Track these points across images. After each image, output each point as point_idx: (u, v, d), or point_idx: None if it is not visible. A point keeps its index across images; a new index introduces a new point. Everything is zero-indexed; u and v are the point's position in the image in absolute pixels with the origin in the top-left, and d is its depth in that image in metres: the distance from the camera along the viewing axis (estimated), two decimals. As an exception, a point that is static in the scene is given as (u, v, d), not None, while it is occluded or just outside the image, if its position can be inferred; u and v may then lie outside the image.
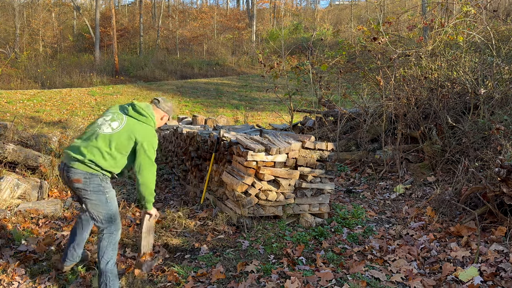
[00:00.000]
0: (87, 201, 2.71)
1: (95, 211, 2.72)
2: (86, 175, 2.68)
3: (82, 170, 2.67)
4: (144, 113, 2.81)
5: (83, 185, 2.68)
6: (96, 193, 2.70)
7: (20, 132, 6.18)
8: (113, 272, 2.75)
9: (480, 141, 4.87)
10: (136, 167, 2.78)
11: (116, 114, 2.81)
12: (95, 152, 2.67)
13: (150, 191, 2.85)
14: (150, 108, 2.87)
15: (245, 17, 33.65)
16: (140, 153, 2.75)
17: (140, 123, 2.80)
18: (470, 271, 2.85)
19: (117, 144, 2.70)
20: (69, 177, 2.69)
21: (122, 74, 22.22)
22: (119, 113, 2.82)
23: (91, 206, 2.72)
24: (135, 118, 2.80)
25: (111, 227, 2.76)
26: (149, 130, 2.83)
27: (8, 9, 26.54)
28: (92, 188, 2.69)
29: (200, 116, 11.43)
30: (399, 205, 4.74)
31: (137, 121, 2.80)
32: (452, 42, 6.13)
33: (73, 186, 2.71)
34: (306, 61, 7.73)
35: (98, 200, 2.71)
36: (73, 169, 2.67)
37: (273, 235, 3.59)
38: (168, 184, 6.17)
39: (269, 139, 4.06)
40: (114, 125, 2.75)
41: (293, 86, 8.20)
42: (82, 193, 2.70)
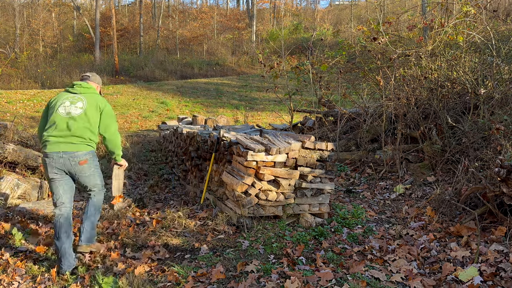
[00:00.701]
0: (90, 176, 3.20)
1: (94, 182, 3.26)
2: (89, 155, 3.17)
3: (85, 151, 3.14)
4: (90, 87, 3.35)
5: (88, 164, 3.16)
6: (95, 167, 3.25)
7: (20, 132, 6.19)
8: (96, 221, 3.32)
9: (480, 141, 4.87)
10: (102, 127, 3.27)
11: (72, 98, 3.25)
12: (84, 132, 3.15)
13: (117, 145, 3.41)
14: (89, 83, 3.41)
15: (245, 17, 33.65)
16: (105, 115, 3.27)
17: (92, 94, 3.31)
18: (470, 271, 2.85)
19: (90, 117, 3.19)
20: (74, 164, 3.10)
21: (122, 74, 22.22)
22: (73, 96, 3.27)
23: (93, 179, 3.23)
24: (87, 93, 3.30)
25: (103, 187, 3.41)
26: (101, 97, 3.38)
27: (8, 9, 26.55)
28: (94, 164, 3.23)
29: (200, 116, 11.43)
30: (399, 205, 4.74)
31: (90, 94, 3.30)
32: (452, 42, 6.13)
33: (77, 169, 3.13)
34: (306, 61, 7.73)
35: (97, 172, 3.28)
36: (77, 153, 3.10)
37: (273, 235, 3.60)
38: (168, 184, 6.18)
39: (269, 139, 4.07)
40: (79, 105, 3.21)
41: (293, 86, 8.20)
42: (85, 171, 3.16)
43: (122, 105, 15.13)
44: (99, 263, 3.21)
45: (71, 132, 3.11)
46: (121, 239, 3.61)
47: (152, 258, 3.28)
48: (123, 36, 29.48)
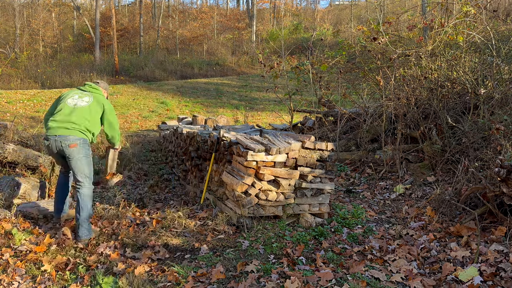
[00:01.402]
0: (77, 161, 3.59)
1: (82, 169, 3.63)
2: (79, 140, 3.58)
3: (77, 136, 3.58)
4: (99, 89, 3.96)
5: (77, 148, 3.56)
6: (85, 155, 3.63)
7: (20, 132, 6.19)
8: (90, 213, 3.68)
9: (480, 141, 4.87)
10: (106, 123, 3.85)
11: (81, 93, 3.83)
12: (82, 121, 3.64)
13: (118, 137, 4.02)
14: (98, 86, 4.00)
15: (245, 17, 33.65)
16: (107, 113, 3.83)
17: (99, 95, 3.89)
18: (470, 271, 2.85)
19: (92, 111, 3.73)
20: (65, 146, 3.53)
21: (122, 74, 22.22)
22: (82, 92, 3.85)
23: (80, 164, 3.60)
24: (95, 92, 3.89)
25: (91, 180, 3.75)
26: (105, 98, 3.95)
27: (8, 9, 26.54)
28: (84, 152, 3.62)
29: (200, 116, 11.43)
30: (399, 205, 4.74)
31: (97, 94, 3.89)
32: (452, 42, 6.13)
33: (67, 151, 3.55)
34: (306, 61, 7.73)
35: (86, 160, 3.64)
36: (69, 137, 3.55)
37: (273, 235, 3.60)
38: (168, 184, 6.18)
39: (269, 139, 4.07)
40: (86, 99, 3.77)
41: (293, 86, 8.20)
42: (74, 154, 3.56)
43: (122, 105, 15.13)
44: (99, 263, 3.21)
45: (71, 119, 3.60)
46: (121, 239, 3.61)
47: (152, 258, 3.28)
48: (123, 36, 29.48)
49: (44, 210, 4.23)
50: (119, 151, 7.48)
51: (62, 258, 3.22)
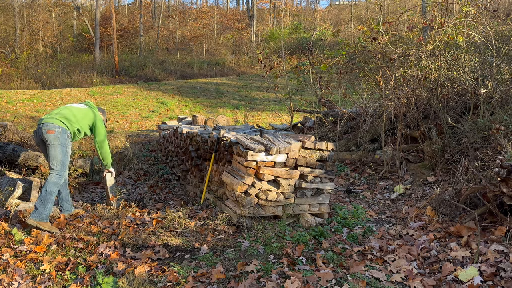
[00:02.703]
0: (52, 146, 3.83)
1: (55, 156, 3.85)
2: (58, 129, 3.85)
3: (57, 124, 3.87)
4: (95, 107, 4.33)
5: (54, 135, 3.82)
6: (61, 144, 3.85)
7: (20, 132, 6.18)
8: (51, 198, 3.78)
9: (480, 141, 4.87)
10: (97, 134, 4.20)
11: (79, 104, 4.28)
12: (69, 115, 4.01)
13: (107, 155, 4.32)
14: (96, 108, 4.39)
15: (245, 17, 33.65)
16: (97, 130, 4.20)
17: (93, 111, 4.25)
18: (470, 271, 2.85)
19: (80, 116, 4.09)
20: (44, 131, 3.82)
21: (122, 74, 22.22)
22: (82, 104, 4.30)
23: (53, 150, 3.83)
24: (92, 107, 4.29)
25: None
26: (99, 115, 4.26)
27: (8, 9, 26.54)
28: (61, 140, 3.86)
29: (200, 116, 11.44)
30: (399, 205, 4.74)
31: (92, 110, 4.25)
32: (452, 42, 6.13)
33: (44, 136, 3.83)
34: (306, 61, 7.73)
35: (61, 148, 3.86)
36: (50, 124, 3.85)
37: (273, 235, 3.60)
38: (168, 184, 6.18)
39: (269, 139, 4.07)
40: (80, 106, 4.22)
41: (293, 86, 8.20)
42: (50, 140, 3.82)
43: (122, 105, 15.13)
44: (99, 263, 3.21)
45: (58, 112, 4.01)
46: (121, 239, 3.61)
47: (152, 258, 3.28)
48: (123, 36, 29.48)
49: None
50: (119, 152, 7.50)
51: (62, 258, 3.22)
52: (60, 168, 3.87)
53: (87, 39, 27.89)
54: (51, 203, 3.78)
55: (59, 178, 3.86)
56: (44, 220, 3.72)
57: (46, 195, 3.76)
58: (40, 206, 3.72)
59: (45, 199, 3.75)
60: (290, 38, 27.29)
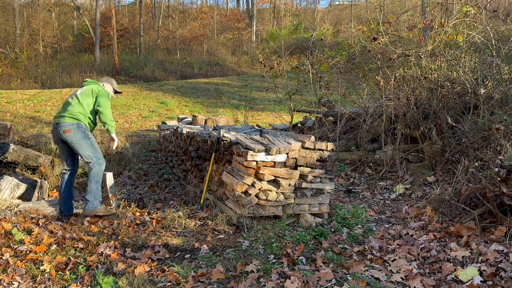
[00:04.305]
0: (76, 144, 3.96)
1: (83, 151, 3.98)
2: (72, 126, 3.95)
3: (69, 122, 3.95)
4: (93, 81, 4.31)
5: (72, 133, 3.93)
6: (82, 138, 3.97)
7: (20, 132, 6.18)
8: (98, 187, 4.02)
9: (480, 141, 4.87)
10: (97, 105, 4.09)
11: (76, 90, 4.24)
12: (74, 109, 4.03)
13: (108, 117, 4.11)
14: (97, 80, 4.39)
15: (245, 17, 33.66)
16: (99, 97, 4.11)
17: (93, 86, 4.20)
18: (470, 271, 2.85)
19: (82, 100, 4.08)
20: (61, 132, 3.95)
21: (122, 74, 22.22)
22: (81, 87, 4.25)
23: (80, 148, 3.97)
24: (90, 84, 4.25)
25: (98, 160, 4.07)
26: (98, 86, 4.21)
27: (8, 9, 26.54)
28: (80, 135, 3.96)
29: (200, 116, 11.44)
30: (399, 205, 4.74)
31: (91, 85, 4.21)
32: (452, 42, 6.13)
33: (64, 137, 3.96)
34: (306, 61, 7.73)
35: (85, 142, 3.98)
36: (63, 124, 3.94)
37: (273, 235, 3.60)
38: (168, 184, 6.18)
39: (269, 139, 4.07)
40: (78, 92, 4.18)
41: (293, 86, 8.20)
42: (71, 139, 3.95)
43: (122, 105, 15.13)
44: (99, 263, 3.21)
45: (65, 109, 4.05)
46: (121, 239, 3.61)
47: (152, 258, 3.28)
48: (123, 36, 29.48)
49: (44, 210, 4.23)
50: (119, 152, 7.50)
51: (62, 258, 3.22)
52: (96, 158, 4.02)
53: (87, 39, 27.89)
54: (99, 191, 4.06)
55: (99, 166, 4.04)
56: (98, 207, 4.03)
57: (92, 186, 3.99)
58: (90, 198, 3.99)
59: (92, 190, 3.99)
60: (290, 38, 27.29)
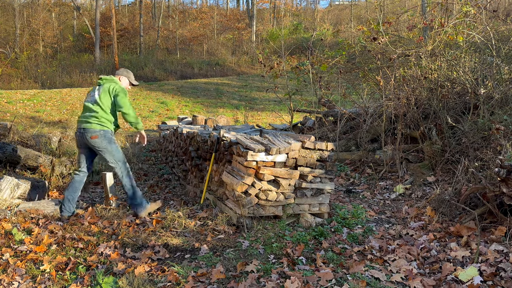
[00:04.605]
0: (104, 150, 4.07)
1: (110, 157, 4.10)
2: (99, 132, 4.02)
3: (96, 129, 4.02)
4: (109, 78, 4.24)
5: (99, 139, 4.01)
6: (108, 144, 4.06)
7: (20, 132, 6.18)
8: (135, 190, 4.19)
9: (480, 141, 4.87)
10: (118, 106, 4.09)
11: (92, 90, 4.22)
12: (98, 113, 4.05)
13: (134, 116, 4.16)
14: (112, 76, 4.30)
15: (245, 17, 33.66)
16: (117, 97, 4.08)
17: (108, 83, 4.16)
18: (470, 271, 2.85)
19: (103, 102, 4.07)
20: (87, 138, 4.02)
21: (122, 74, 22.17)
22: (96, 87, 4.22)
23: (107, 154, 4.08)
24: (107, 82, 4.18)
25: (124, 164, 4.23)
26: (115, 84, 4.17)
27: (8, 9, 26.54)
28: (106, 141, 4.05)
29: (200, 116, 11.44)
30: (399, 205, 4.74)
31: (108, 84, 4.15)
32: (452, 42, 6.13)
33: (90, 142, 4.03)
34: (306, 61, 7.73)
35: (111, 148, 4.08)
36: (90, 130, 4.01)
37: (273, 235, 3.60)
38: (168, 184, 6.18)
39: (269, 139, 4.07)
40: (96, 93, 4.14)
41: (293, 86, 8.20)
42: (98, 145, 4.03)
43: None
44: (99, 263, 3.21)
45: (89, 114, 4.07)
46: (121, 239, 3.61)
47: (152, 258, 3.28)
48: (123, 36, 29.48)
49: (44, 210, 4.23)
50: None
51: (62, 258, 3.22)
52: (121, 163, 4.17)
53: (87, 39, 27.89)
54: (138, 192, 4.21)
55: (126, 170, 4.19)
56: (148, 205, 4.22)
57: (129, 191, 4.17)
58: (134, 201, 4.16)
59: (132, 194, 4.16)
60: (290, 38, 27.29)
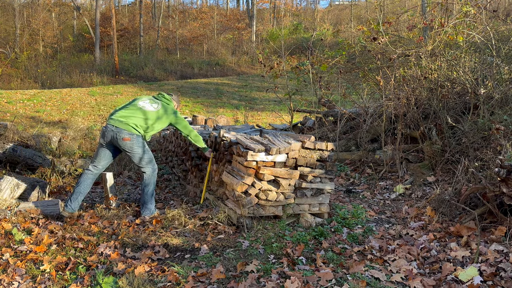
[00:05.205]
0: (132, 153, 4.08)
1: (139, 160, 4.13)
2: (132, 135, 4.02)
3: (129, 132, 4.00)
4: (170, 100, 4.34)
5: (130, 142, 4.00)
6: (138, 148, 4.08)
7: (20, 132, 6.18)
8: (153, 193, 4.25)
9: (480, 141, 4.87)
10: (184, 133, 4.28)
11: (153, 101, 4.24)
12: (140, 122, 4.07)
13: (197, 141, 4.33)
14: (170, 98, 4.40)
15: (245, 17, 33.65)
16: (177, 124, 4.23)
17: (168, 104, 4.27)
18: (470, 271, 2.85)
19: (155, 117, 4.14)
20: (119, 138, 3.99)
21: (122, 74, 22.21)
22: (154, 100, 4.27)
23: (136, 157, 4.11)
24: (165, 102, 4.29)
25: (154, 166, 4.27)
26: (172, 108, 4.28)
27: (8, 9, 26.53)
28: (137, 145, 4.06)
29: (200, 116, 11.42)
30: (399, 205, 4.74)
31: (166, 103, 4.27)
32: (452, 42, 6.13)
33: (120, 144, 4.02)
34: (306, 61, 7.73)
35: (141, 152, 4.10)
36: (124, 131, 3.98)
37: (273, 235, 3.60)
38: (168, 184, 6.17)
39: (269, 139, 4.07)
40: (155, 106, 4.18)
41: (293, 86, 8.20)
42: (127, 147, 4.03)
43: (122, 105, 15.10)
44: (99, 263, 3.21)
45: (132, 116, 4.05)
46: (121, 239, 3.61)
47: (152, 258, 3.28)
48: (123, 36, 29.47)
49: (44, 210, 4.23)
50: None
51: (62, 258, 3.22)
52: (150, 165, 4.19)
53: (87, 39, 27.89)
54: (152, 196, 4.25)
55: (149, 174, 4.20)
56: (155, 212, 4.23)
57: (145, 193, 4.18)
58: (144, 203, 4.19)
59: (145, 197, 4.19)
60: (290, 38, 27.28)
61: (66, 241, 3.56)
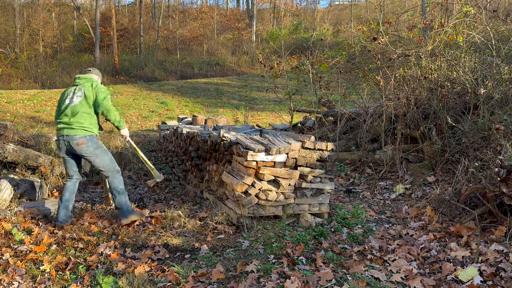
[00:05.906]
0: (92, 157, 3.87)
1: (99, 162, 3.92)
2: (85, 138, 3.81)
3: (81, 134, 3.79)
4: (88, 77, 3.99)
5: (86, 145, 3.80)
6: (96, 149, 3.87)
7: (20, 132, 6.18)
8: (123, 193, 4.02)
9: (480, 141, 4.87)
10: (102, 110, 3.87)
11: (74, 89, 3.93)
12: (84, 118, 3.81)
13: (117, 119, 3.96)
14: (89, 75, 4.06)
15: (245, 17, 33.64)
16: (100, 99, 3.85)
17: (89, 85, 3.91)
18: (470, 271, 2.85)
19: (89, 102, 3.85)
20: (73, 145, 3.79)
21: (122, 74, 22.21)
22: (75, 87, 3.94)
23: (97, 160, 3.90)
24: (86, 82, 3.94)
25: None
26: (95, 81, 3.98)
27: (8, 9, 26.53)
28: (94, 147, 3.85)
29: (200, 116, 11.43)
30: (399, 205, 4.74)
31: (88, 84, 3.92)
32: (452, 42, 6.13)
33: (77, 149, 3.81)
34: (306, 61, 7.73)
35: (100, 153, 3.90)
36: (75, 136, 3.78)
37: (273, 235, 3.60)
38: (168, 184, 6.18)
39: (269, 139, 4.07)
40: (79, 94, 3.88)
41: (293, 86, 8.20)
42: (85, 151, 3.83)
43: (122, 105, 15.12)
44: (99, 263, 3.21)
45: (73, 118, 3.80)
46: (121, 239, 3.61)
47: (152, 258, 3.28)
48: (123, 36, 29.46)
49: (44, 210, 4.23)
50: (119, 152, 7.51)
51: (62, 258, 3.22)
52: (112, 168, 4.00)
53: (87, 39, 27.88)
54: (125, 197, 4.03)
55: (117, 174, 4.03)
56: (132, 214, 4.03)
57: (118, 199, 3.99)
58: (121, 206, 3.99)
59: (121, 202, 3.99)
60: (290, 38, 27.28)
61: (66, 241, 3.56)
